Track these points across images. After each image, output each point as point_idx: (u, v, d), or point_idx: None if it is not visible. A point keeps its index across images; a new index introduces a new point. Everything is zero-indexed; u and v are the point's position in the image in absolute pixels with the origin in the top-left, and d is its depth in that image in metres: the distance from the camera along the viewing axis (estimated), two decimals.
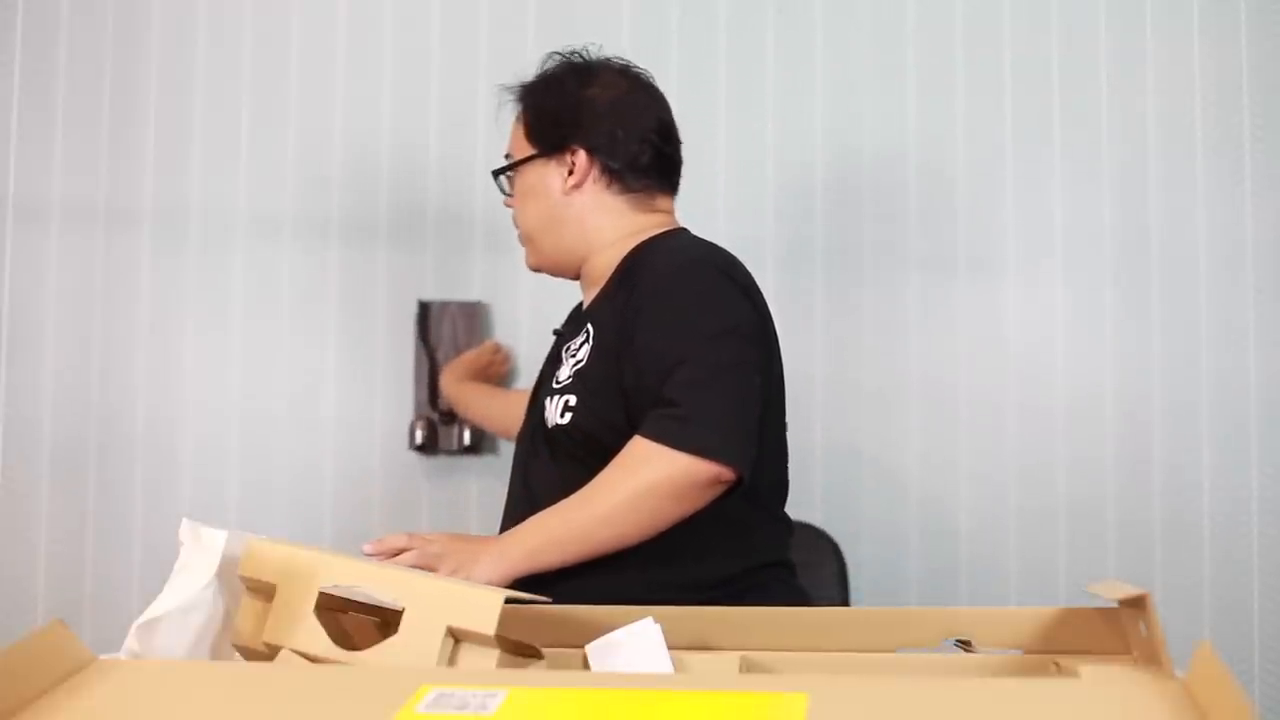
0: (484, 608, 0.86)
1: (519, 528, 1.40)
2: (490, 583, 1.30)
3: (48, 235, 2.30)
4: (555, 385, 1.51)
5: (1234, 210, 2.20)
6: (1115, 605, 0.92)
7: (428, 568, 1.29)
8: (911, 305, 2.24)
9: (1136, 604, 0.87)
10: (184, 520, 0.98)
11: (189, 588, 0.95)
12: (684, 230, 1.61)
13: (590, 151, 1.56)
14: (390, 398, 2.27)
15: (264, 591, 0.93)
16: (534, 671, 0.89)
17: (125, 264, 2.30)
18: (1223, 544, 2.16)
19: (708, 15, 2.29)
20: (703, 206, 2.09)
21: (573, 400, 1.46)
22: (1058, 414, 2.20)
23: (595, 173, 1.56)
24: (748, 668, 0.95)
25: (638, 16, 2.29)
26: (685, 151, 1.64)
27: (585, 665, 0.94)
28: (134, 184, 2.31)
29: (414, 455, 2.26)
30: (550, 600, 1.00)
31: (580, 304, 1.68)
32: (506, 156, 1.64)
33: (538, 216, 1.59)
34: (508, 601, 0.88)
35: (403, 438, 2.26)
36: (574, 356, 1.51)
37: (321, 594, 0.91)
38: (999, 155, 2.24)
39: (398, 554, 1.30)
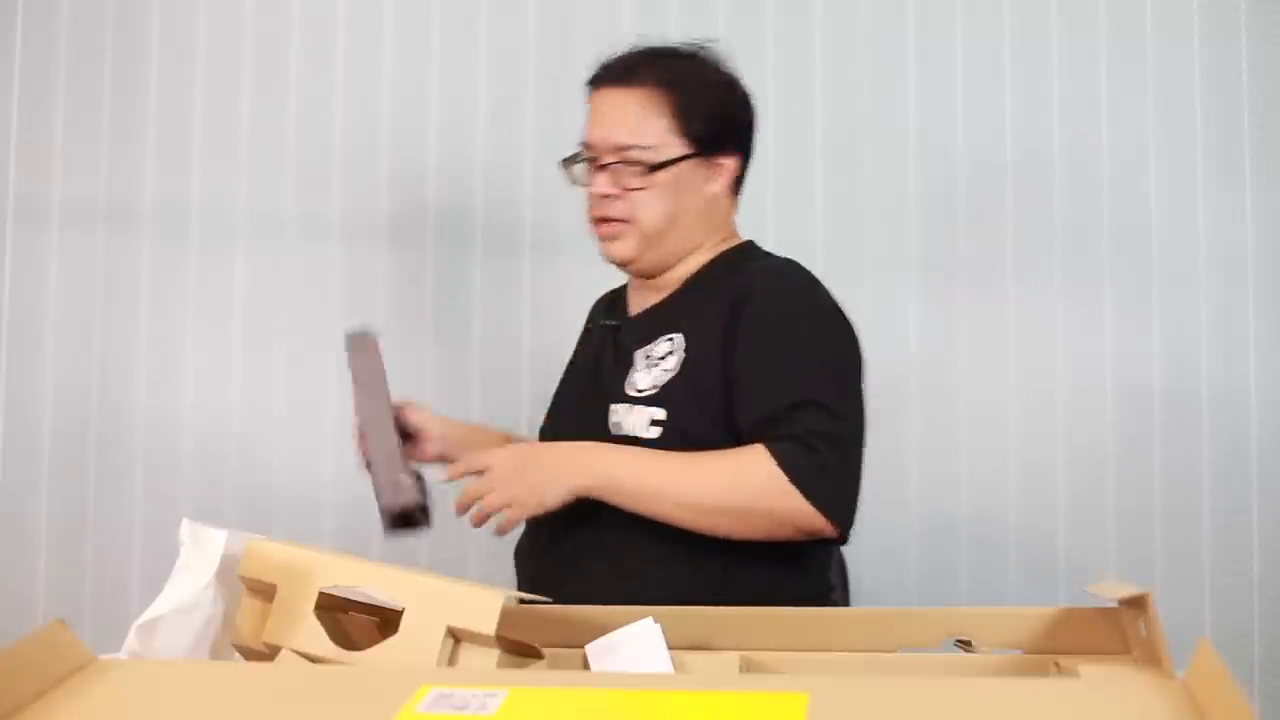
0: (484, 608, 0.86)
1: (614, 452, 1.39)
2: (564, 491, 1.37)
3: (48, 235, 2.30)
4: (634, 394, 1.44)
5: (1234, 210, 2.20)
6: (1115, 605, 0.92)
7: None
8: (912, 305, 2.24)
9: (1136, 604, 0.87)
10: (184, 520, 0.98)
11: (189, 588, 0.95)
12: (753, 242, 1.59)
13: (741, 161, 1.54)
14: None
15: (264, 591, 0.93)
16: (534, 671, 0.89)
17: (125, 264, 2.30)
18: (1223, 544, 2.16)
19: (707, 16, 2.29)
20: None
21: (661, 414, 1.41)
22: (1058, 414, 2.20)
23: (732, 181, 1.54)
24: (748, 668, 0.95)
25: (638, 16, 2.28)
26: None
27: (585, 665, 0.94)
28: (134, 184, 2.31)
29: None
30: (550, 600, 1.00)
31: (616, 296, 1.62)
32: (632, 145, 1.48)
33: (674, 212, 1.49)
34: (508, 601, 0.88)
35: None
36: (658, 365, 1.45)
37: (321, 594, 0.91)
38: (998, 155, 2.24)
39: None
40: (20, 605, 2.23)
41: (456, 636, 0.88)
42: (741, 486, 1.34)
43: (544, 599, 1.00)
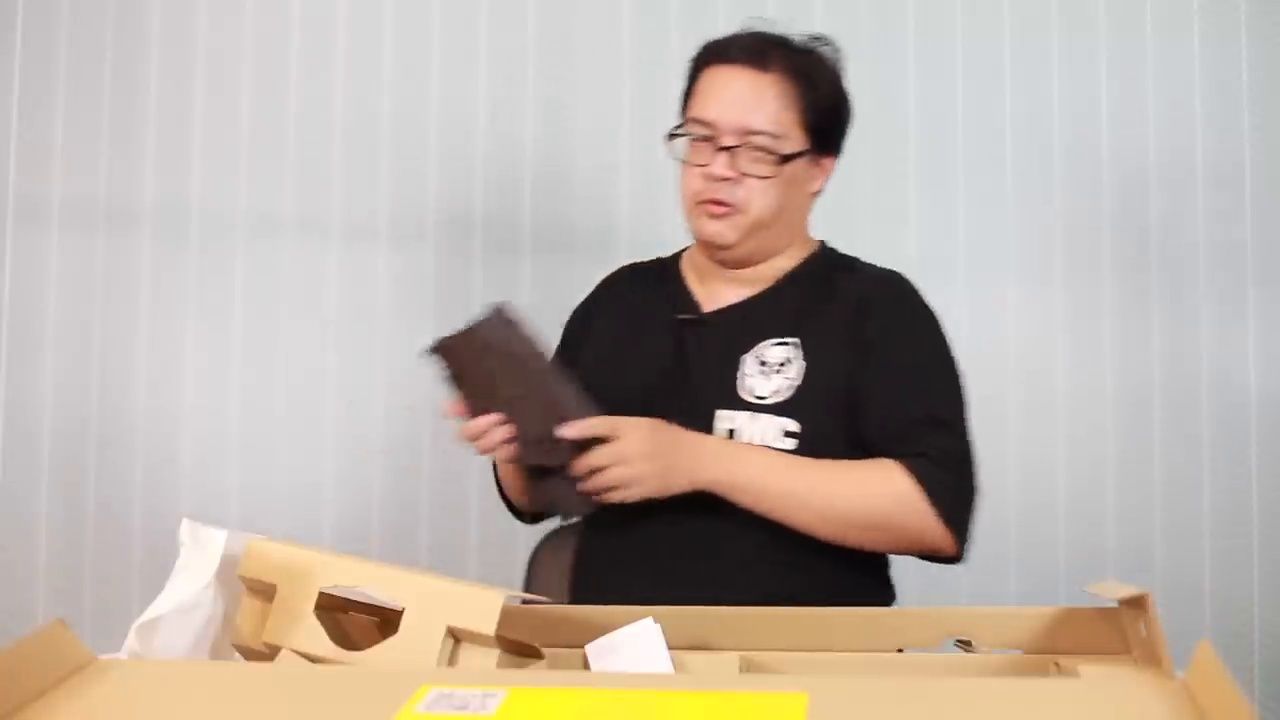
0: (484, 608, 0.86)
1: (749, 450, 1.36)
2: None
3: (48, 235, 2.30)
4: (754, 400, 1.39)
5: (1234, 210, 2.20)
6: (1115, 605, 0.92)
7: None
8: None
9: (1136, 604, 0.87)
10: (184, 520, 0.98)
11: (189, 588, 0.95)
12: (825, 242, 1.57)
13: (835, 163, 1.52)
14: (390, 398, 2.27)
15: (264, 591, 0.93)
16: (534, 671, 0.89)
17: (125, 264, 2.30)
18: (1223, 544, 2.16)
19: (707, 16, 2.29)
20: None
21: (795, 425, 1.37)
22: (1058, 414, 2.20)
23: (824, 183, 1.53)
24: (748, 668, 0.95)
25: (638, 16, 2.28)
26: None
27: (585, 665, 0.94)
28: (134, 183, 2.31)
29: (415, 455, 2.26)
30: (550, 600, 1.00)
31: (668, 283, 1.55)
32: (761, 131, 1.42)
33: (784, 207, 1.45)
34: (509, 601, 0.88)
35: (403, 437, 2.25)
36: (778, 372, 1.41)
37: (321, 594, 0.91)
38: (999, 155, 2.24)
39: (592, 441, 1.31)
40: (20, 605, 2.23)
41: (456, 636, 0.88)
42: (875, 498, 1.34)
43: (544, 599, 1.00)
